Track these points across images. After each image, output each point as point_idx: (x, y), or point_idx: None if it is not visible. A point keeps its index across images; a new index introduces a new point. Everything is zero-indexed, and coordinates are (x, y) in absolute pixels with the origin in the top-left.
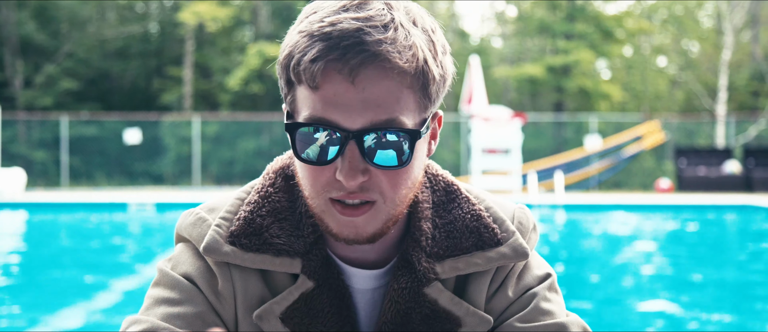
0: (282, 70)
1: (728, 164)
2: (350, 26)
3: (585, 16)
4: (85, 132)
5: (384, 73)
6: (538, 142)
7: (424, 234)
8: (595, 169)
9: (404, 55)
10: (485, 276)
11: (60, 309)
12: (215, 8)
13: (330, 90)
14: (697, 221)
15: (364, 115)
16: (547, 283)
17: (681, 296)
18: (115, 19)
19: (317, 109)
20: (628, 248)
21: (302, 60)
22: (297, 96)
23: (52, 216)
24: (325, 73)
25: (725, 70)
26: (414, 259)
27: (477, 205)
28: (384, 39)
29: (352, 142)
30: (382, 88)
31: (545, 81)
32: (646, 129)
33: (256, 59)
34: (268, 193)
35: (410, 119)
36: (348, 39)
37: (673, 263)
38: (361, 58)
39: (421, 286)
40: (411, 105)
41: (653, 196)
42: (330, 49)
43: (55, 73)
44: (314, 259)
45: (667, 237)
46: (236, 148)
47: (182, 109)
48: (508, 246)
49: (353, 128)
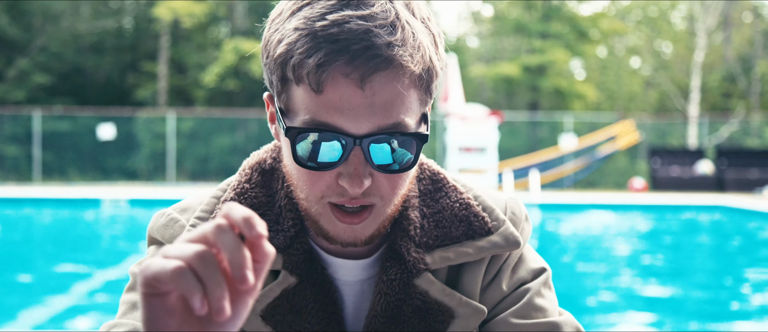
0: (276, 66)
1: (701, 164)
2: (358, 27)
3: (560, 16)
4: (58, 127)
5: (395, 77)
6: (513, 141)
7: (412, 223)
8: (569, 169)
9: (415, 58)
10: (479, 267)
11: (30, 305)
12: (191, 4)
13: (335, 94)
14: (672, 221)
15: (371, 120)
16: (542, 278)
17: (657, 295)
18: (90, 13)
19: (320, 112)
20: (605, 247)
21: (305, 62)
22: (294, 95)
23: (23, 211)
24: (331, 77)
25: (698, 71)
26: (402, 249)
27: (465, 194)
28: (394, 41)
29: (357, 148)
30: (390, 93)
31: (521, 80)
32: (621, 129)
33: (231, 55)
34: (244, 189)
35: (413, 119)
36: (357, 42)
37: (650, 262)
38: (374, 64)
39: (411, 277)
40: (414, 104)
41: (629, 196)
42: (338, 54)
43: (27, 67)
44: (296, 253)
45: (644, 236)
46: (211, 144)
47: (157, 105)
48: (499, 234)
49: (359, 133)
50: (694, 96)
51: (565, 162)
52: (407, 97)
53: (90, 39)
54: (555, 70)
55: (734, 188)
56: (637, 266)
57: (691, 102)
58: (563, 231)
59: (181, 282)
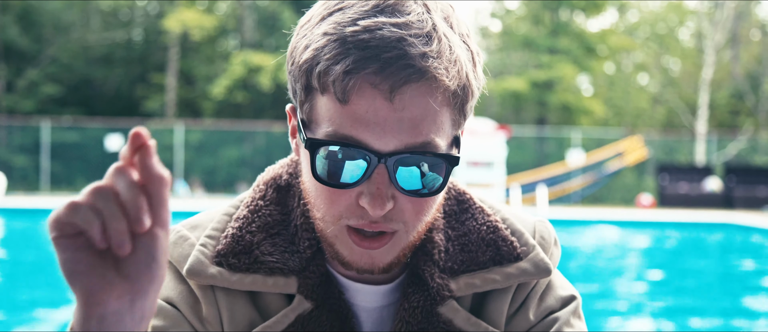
0: (300, 73)
1: (709, 181)
2: (391, 35)
3: (568, 32)
4: (67, 137)
5: (428, 91)
6: (521, 156)
7: (436, 246)
8: (576, 184)
9: (450, 72)
10: (505, 295)
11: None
12: (200, 16)
13: (362, 106)
14: (681, 238)
15: (399, 136)
16: (571, 307)
17: (664, 312)
18: (99, 25)
19: (344, 125)
20: (613, 263)
21: (332, 69)
22: (317, 105)
23: (32, 222)
24: (358, 87)
25: (706, 88)
26: (426, 275)
27: (492, 216)
28: (429, 53)
29: (381, 166)
30: (421, 108)
31: (528, 95)
32: (629, 145)
33: (240, 68)
34: (258, 207)
35: (444, 139)
36: (390, 50)
37: (658, 279)
38: (406, 74)
39: (434, 305)
40: (446, 124)
41: (637, 212)
42: (367, 61)
43: (37, 78)
44: (312, 277)
45: (653, 252)
46: (219, 156)
47: (165, 117)
48: (528, 261)
49: (385, 150)
50: (702, 113)
51: (573, 177)
52: (439, 114)
53: (99, 50)
54: (563, 85)
55: (742, 205)
56: (644, 283)
57: (699, 119)
58: (571, 247)
59: (77, 215)
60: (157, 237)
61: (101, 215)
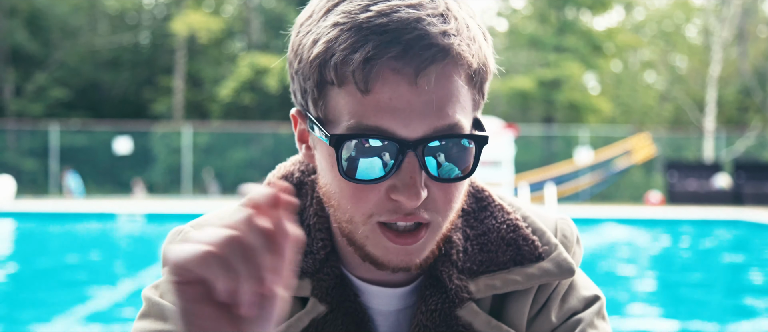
0: (312, 69)
1: (718, 178)
2: (409, 16)
3: (575, 30)
4: (75, 141)
5: (453, 70)
6: (528, 155)
7: (454, 246)
8: (585, 183)
9: (472, 48)
10: (526, 296)
11: (47, 319)
12: (207, 19)
13: (385, 93)
14: (690, 235)
15: (425, 121)
16: (595, 308)
17: (674, 309)
18: (107, 28)
19: (368, 115)
20: (624, 261)
21: (350, 57)
22: (334, 100)
23: (41, 225)
24: (380, 74)
25: (714, 84)
26: (444, 276)
27: (512, 214)
28: (449, 31)
29: (411, 153)
30: (446, 89)
31: (535, 94)
32: (637, 142)
33: (247, 70)
34: None
35: (468, 120)
36: (411, 31)
37: (669, 277)
38: (431, 54)
39: (453, 308)
40: (468, 104)
41: (646, 210)
42: (389, 45)
43: (45, 82)
44: (326, 279)
45: (663, 250)
46: (227, 158)
47: (173, 119)
48: (551, 261)
49: (413, 137)
50: (710, 109)
51: (581, 176)
52: (461, 95)
53: (107, 54)
54: (570, 84)
55: (752, 202)
56: (654, 281)
57: (707, 115)
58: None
59: (208, 268)
60: (278, 297)
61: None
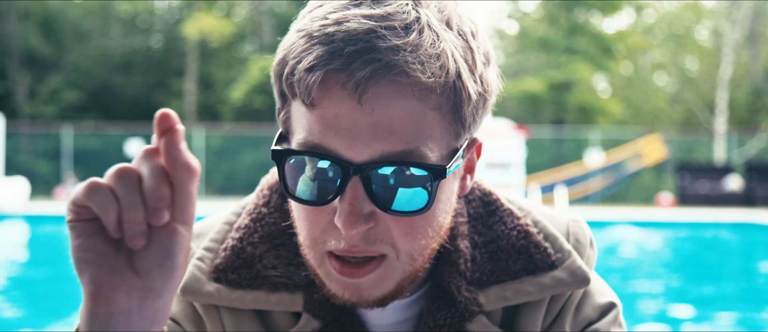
0: (275, 78)
1: (729, 180)
2: (359, 26)
3: (585, 32)
4: (88, 143)
5: (400, 89)
6: (538, 157)
7: (461, 255)
8: (596, 185)
9: (428, 67)
10: (538, 308)
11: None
12: (219, 22)
13: (330, 109)
14: (702, 237)
15: (373, 144)
16: (611, 316)
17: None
18: (119, 32)
19: (313, 132)
20: (635, 264)
21: (296, 68)
22: (291, 114)
23: (54, 227)
24: (324, 87)
25: (725, 86)
26: (452, 288)
27: (523, 219)
28: (402, 45)
29: (355, 179)
30: (397, 110)
31: (546, 96)
32: (648, 143)
33: (258, 72)
34: (262, 214)
35: (435, 150)
36: (355, 43)
37: (680, 279)
38: (371, 69)
39: (462, 322)
40: (436, 132)
41: (657, 212)
42: (331, 56)
43: (58, 84)
44: (319, 292)
45: (674, 253)
46: (239, 160)
47: (185, 121)
48: (564, 269)
49: (357, 160)
50: (721, 111)
51: (591, 178)
52: (423, 120)
53: (119, 57)
54: (580, 86)
55: (764, 204)
56: (665, 283)
57: (718, 117)
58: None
59: (93, 197)
60: (176, 233)
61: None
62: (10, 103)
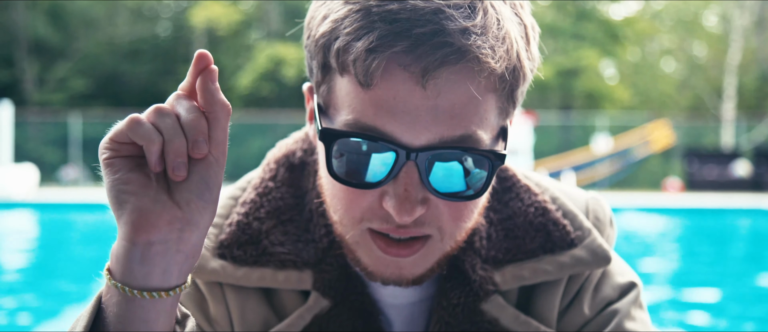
0: (317, 49)
1: (738, 166)
2: (426, 6)
3: (592, 18)
4: (96, 131)
5: (469, 75)
6: (545, 143)
7: (476, 233)
8: (602, 171)
9: (497, 52)
10: (556, 287)
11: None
12: (226, 9)
13: (389, 91)
14: (711, 223)
15: (433, 128)
16: (631, 296)
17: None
18: (126, 19)
19: (367, 113)
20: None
21: (353, 45)
22: (336, 88)
23: (62, 215)
24: (384, 69)
25: (733, 72)
26: (466, 266)
27: (540, 196)
28: (471, 28)
29: (410, 163)
30: (460, 95)
31: (553, 82)
32: (655, 128)
33: (266, 60)
34: (268, 189)
35: (488, 132)
36: (424, 25)
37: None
38: (442, 54)
39: (477, 301)
40: (491, 114)
41: (665, 198)
42: (396, 37)
43: (66, 72)
44: (329, 270)
45: (684, 239)
46: (246, 147)
47: None
48: (584, 248)
49: (415, 145)
50: (729, 97)
51: (600, 163)
52: (483, 102)
53: (127, 45)
54: (587, 72)
55: None
56: (673, 269)
57: (726, 103)
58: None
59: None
60: (213, 165)
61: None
62: (19, 91)
